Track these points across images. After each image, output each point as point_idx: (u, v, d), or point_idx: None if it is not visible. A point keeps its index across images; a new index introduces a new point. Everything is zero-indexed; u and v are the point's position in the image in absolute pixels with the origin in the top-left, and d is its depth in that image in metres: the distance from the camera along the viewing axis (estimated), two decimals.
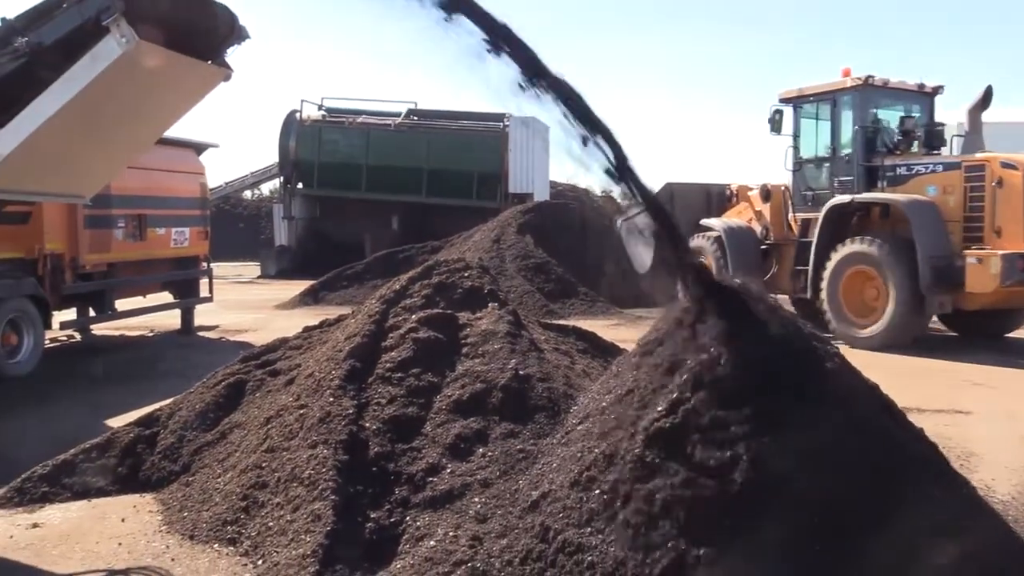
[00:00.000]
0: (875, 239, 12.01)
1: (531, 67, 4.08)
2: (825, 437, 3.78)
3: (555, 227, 18.62)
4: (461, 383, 5.14)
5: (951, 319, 12.88)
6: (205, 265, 14.37)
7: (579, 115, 4.15)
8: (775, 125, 13.71)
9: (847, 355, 4.37)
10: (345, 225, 27.12)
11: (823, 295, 12.49)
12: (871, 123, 12.98)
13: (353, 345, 5.46)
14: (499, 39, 4.05)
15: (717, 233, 14.35)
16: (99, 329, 13.17)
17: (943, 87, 13.46)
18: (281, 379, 5.99)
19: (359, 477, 4.61)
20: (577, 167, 4.23)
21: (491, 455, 4.65)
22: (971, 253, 11.14)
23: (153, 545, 4.72)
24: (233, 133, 77.08)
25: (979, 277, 10.97)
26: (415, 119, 27.84)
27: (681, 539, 3.59)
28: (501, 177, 26.14)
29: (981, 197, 11.44)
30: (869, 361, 4.65)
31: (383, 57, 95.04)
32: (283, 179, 29.64)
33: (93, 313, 12.15)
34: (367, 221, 26.56)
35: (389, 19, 4.01)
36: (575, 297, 16.24)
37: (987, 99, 12.55)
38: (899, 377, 7.03)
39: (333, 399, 5.07)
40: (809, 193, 13.66)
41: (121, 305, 12.51)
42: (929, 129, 13.02)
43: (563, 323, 8.45)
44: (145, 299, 13.40)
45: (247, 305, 17.85)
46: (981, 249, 11.16)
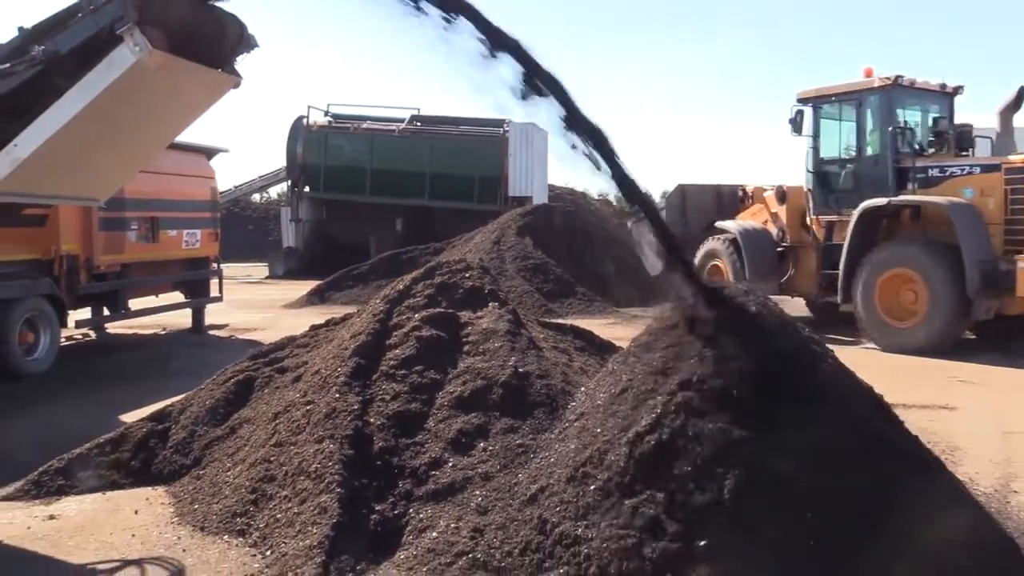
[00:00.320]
0: (914, 242, 11.50)
1: (528, 68, 4.08)
2: (818, 436, 3.78)
3: (553, 229, 18.62)
4: (462, 380, 5.14)
5: (984, 324, 11.81)
6: (215, 266, 14.36)
7: (573, 118, 4.14)
8: (796, 126, 13.07)
9: (878, 359, 4.34)
10: (350, 227, 27.08)
11: (857, 298, 11.84)
12: (902, 123, 12.30)
13: (358, 343, 5.46)
14: (495, 41, 4.05)
15: (732, 235, 13.81)
16: (113, 328, 13.16)
17: (963, 88, 12.94)
18: (289, 376, 5.99)
19: (364, 471, 4.61)
20: (574, 168, 4.22)
21: (491, 449, 4.65)
22: (1023, 258, 10.56)
23: (165, 536, 4.72)
24: (242, 138, 77.00)
25: None
26: (418, 125, 27.82)
27: (677, 533, 3.59)
28: (501, 181, 26.12)
29: None
30: (856, 359, 4.64)
31: (388, 64, 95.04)
32: (291, 183, 29.62)
33: (107, 312, 12.14)
34: (372, 223, 26.54)
35: (392, 26, 4.00)
36: (573, 297, 16.21)
37: (1019, 101, 12.00)
38: (886, 374, 7.03)
39: (339, 395, 5.07)
40: (832, 195, 12.97)
41: (134, 304, 12.52)
42: (959, 131, 12.32)
43: (561, 322, 8.45)
44: (157, 299, 13.41)
45: (256, 305, 17.84)
46: None
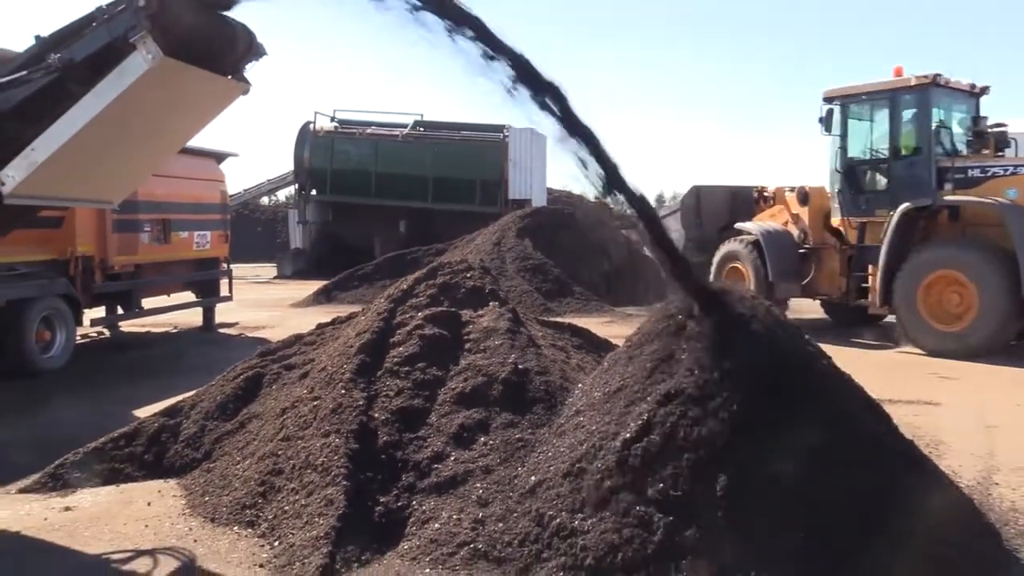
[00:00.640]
0: (958, 243, 10.97)
1: (524, 71, 4.08)
2: (810, 435, 3.78)
3: (552, 231, 18.60)
4: (464, 376, 5.14)
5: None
6: (225, 266, 14.35)
7: (568, 121, 4.14)
8: (827, 124, 12.25)
9: (862, 356, 4.33)
10: (356, 229, 27.08)
11: (898, 301, 11.18)
12: (942, 123, 11.63)
13: (363, 341, 5.45)
14: (493, 46, 4.05)
15: (753, 237, 13.17)
16: (126, 326, 13.14)
17: (989, 88, 12.33)
18: (296, 373, 5.98)
19: (369, 464, 4.61)
20: (574, 167, 4.21)
21: (492, 444, 4.64)
22: None
23: (177, 527, 4.72)
24: (251, 143, 77.10)
25: None
26: (421, 130, 27.82)
27: (671, 525, 3.59)
28: (501, 184, 26.11)
29: None
30: (842, 357, 4.64)
31: (392, 72, 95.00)
32: (298, 186, 29.62)
33: (121, 311, 12.14)
34: (376, 225, 26.54)
35: (394, 33, 4.00)
36: (570, 296, 16.20)
37: None
38: (871, 370, 7.03)
39: (345, 391, 5.06)
40: (863, 196, 12.23)
41: (147, 303, 12.53)
42: (997, 131, 11.73)
43: (559, 320, 8.43)
44: (169, 298, 13.41)
45: (264, 304, 17.83)
46: None
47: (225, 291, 14.37)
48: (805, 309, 13.86)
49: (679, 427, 3.78)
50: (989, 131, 11.75)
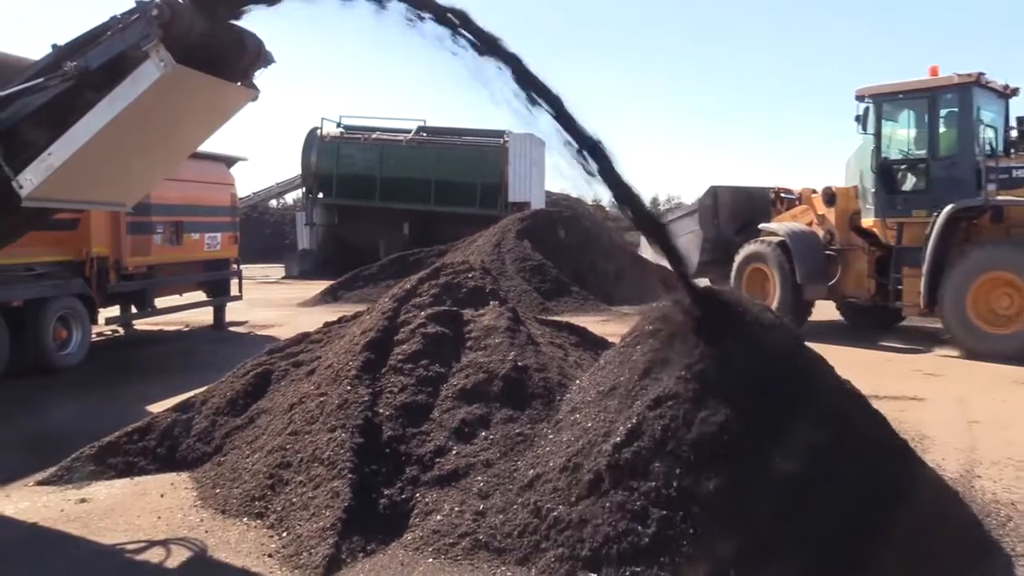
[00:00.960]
0: (1006, 244, 10.40)
1: (524, 79, 4.08)
2: (803, 432, 3.78)
3: (550, 232, 18.59)
4: (465, 373, 5.14)
5: None
6: (235, 267, 14.35)
7: (563, 119, 4.15)
8: (864, 123, 11.66)
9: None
10: (361, 231, 27.07)
11: (945, 302, 10.52)
12: (983, 123, 11.03)
13: (368, 339, 5.45)
14: (491, 52, 4.05)
15: (780, 238, 12.43)
16: (140, 324, 13.15)
17: (1019, 89, 11.75)
18: (303, 370, 5.98)
19: (373, 458, 4.61)
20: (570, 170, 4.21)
21: (492, 438, 4.64)
22: None
23: (189, 519, 4.72)
24: (260, 148, 77.00)
25: None
26: (424, 135, 27.81)
27: (664, 519, 3.59)
28: (501, 187, 26.08)
29: None
30: (826, 354, 4.63)
31: (396, 78, 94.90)
32: (305, 189, 29.63)
33: (135, 310, 12.15)
34: (381, 227, 26.52)
35: (396, 41, 4.01)
36: (568, 296, 16.18)
37: None
38: (855, 367, 7.01)
39: (350, 388, 5.06)
40: (899, 196, 11.51)
41: (160, 303, 12.52)
42: None
43: (557, 319, 8.43)
44: (181, 297, 13.41)
45: (273, 303, 17.82)
46: None
47: (235, 291, 14.37)
48: (826, 312, 13.36)
49: (669, 430, 3.78)
50: None
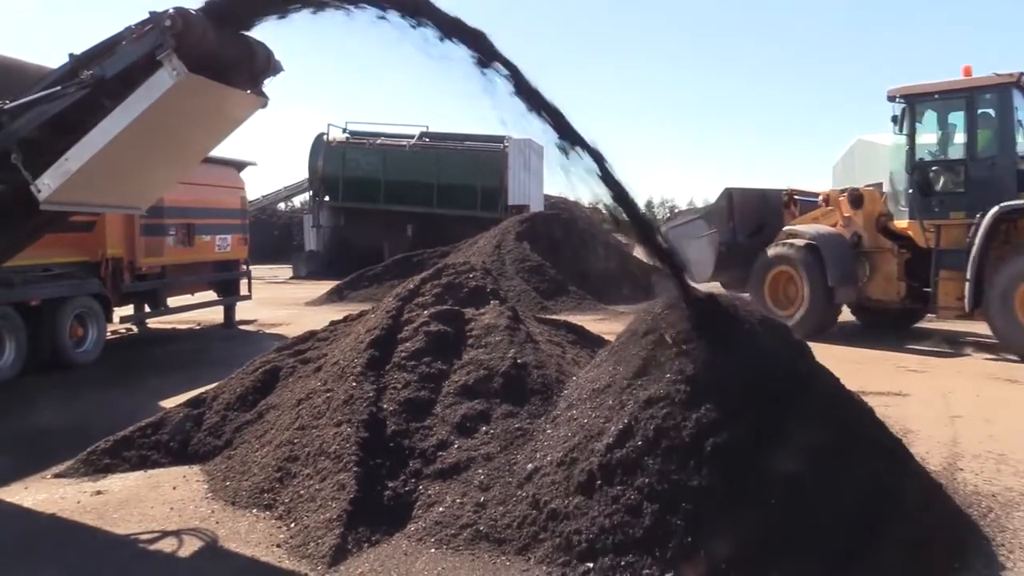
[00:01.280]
0: None
1: (521, 87, 4.10)
2: (798, 430, 3.79)
3: (549, 234, 18.60)
4: (467, 370, 5.14)
5: None
6: (244, 267, 14.34)
7: (561, 128, 4.15)
8: (899, 123, 11.17)
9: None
10: (366, 233, 27.01)
11: (991, 304, 9.99)
12: (1022, 124, 10.46)
13: (373, 337, 5.46)
14: (490, 59, 4.06)
15: (807, 241, 11.71)
16: (153, 323, 13.18)
17: None
18: (311, 366, 5.99)
19: (378, 452, 4.61)
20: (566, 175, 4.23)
21: (493, 432, 4.65)
22: None
23: (200, 510, 4.73)
24: (269, 153, 77.03)
25: None
26: (427, 141, 27.79)
27: (658, 513, 3.59)
28: (501, 191, 26.06)
29: None
30: (818, 352, 4.64)
31: (400, 86, 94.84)
32: (312, 193, 29.62)
33: (148, 309, 12.16)
34: (385, 229, 26.49)
35: (398, 49, 4.01)
36: (566, 295, 16.17)
37: None
38: (843, 364, 7.02)
39: (356, 384, 5.07)
40: (936, 198, 10.89)
41: (172, 302, 12.51)
42: None
43: (555, 318, 8.43)
44: (193, 297, 13.40)
45: (281, 302, 17.81)
46: None
47: (244, 290, 14.36)
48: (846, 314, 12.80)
49: (661, 429, 3.78)
50: None
